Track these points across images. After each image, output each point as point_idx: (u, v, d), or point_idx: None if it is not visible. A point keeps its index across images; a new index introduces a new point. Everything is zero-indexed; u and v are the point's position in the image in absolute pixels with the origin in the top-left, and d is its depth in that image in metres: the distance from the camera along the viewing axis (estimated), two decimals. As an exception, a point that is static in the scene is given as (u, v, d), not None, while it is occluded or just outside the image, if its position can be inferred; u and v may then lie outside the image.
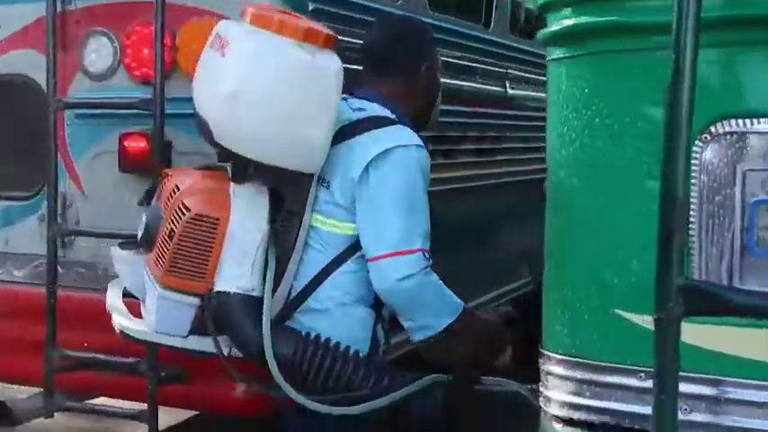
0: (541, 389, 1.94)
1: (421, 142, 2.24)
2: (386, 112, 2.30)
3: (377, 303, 2.24)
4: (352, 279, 2.22)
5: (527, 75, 5.26)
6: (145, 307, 2.22)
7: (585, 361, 1.84)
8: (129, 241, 2.34)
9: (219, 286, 2.10)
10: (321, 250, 2.22)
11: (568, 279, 1.86)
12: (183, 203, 2.10)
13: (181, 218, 2.08)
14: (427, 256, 2.14)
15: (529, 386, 2.19)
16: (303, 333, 2.13)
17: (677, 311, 1.39)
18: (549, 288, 1.93)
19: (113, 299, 2.37)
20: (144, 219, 2.22)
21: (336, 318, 2.19)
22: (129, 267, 2.31)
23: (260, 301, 2.08)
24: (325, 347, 2.08)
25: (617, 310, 1.78)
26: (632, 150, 1.75)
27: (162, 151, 3.01)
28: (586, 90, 1.80)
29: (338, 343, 2.11)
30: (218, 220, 2.08)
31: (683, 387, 1.47)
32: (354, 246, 2.21)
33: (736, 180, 1.68)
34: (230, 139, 2.09)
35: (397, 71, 2.40)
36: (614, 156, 1.78)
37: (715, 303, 1.41)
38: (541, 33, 1.98)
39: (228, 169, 2.21)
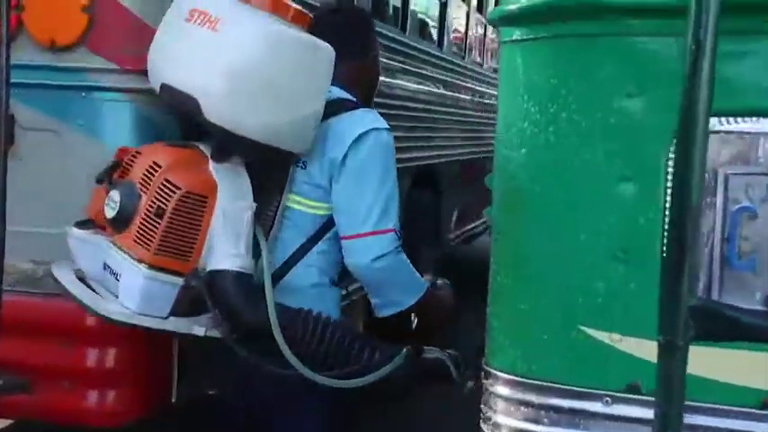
0: (486, 412, 1.73)
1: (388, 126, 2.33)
2: (347, 96, 2.36)
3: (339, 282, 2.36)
4: (324, 259, 2.28)
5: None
6: (118, 288, 2.17)
7: (542, 383, 1.63)
8: (84, 221, 2.28)
9: (213, 265, 2.11)
10: (295, 230, 2.26)
11: (524, 291, 1.65)
12: (169, 180, 2.08)
13: (170, 195, 2.07)
14: (399, 235, 2.22)
15: (452, 351, 2.26)
16: (298, 309, 2.15)
17: (688, 335, 1.21)
18: (497, 299, 1.71)
19: (73, 284, 2.27)
20: (117, 197, 2.15)
21: (312, 297, 2.23)
22: (86, 247, 2.26)
23: (252, 278, 2.13)
24: (324, 322, 2.12)
25: (581, 327, 1.59)
26: (603, 150, 1.56)
27: (6, 127, 2.62)
28: (552, 80, 1.59)
29: (331, 317, 2.17)
30: (206, 198, 2.09)
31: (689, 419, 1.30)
32: (325, 226, 2.27)
33: (717, 185, 1.52)
34: (224, 116, 2.08)
35: (353, 57, 2.43)
36: (582, 156, 1.58)
37: (733, 327, 1.25)
38: (495, 11, 1.76)
39: (202, 147, 2.21)
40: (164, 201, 2.09)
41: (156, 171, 2.13)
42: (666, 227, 1.44)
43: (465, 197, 6.66)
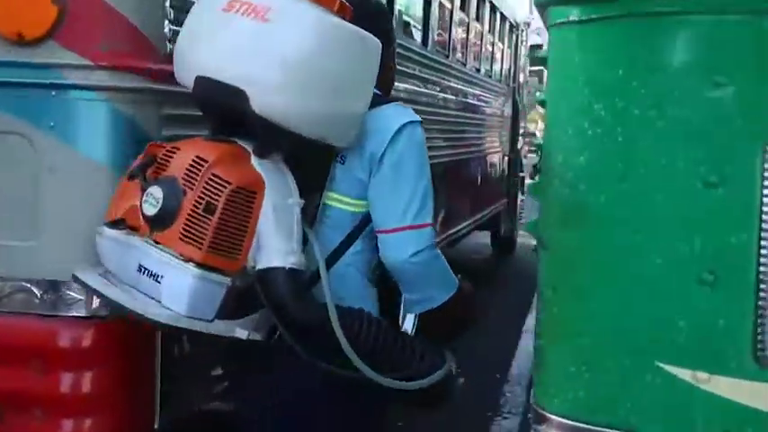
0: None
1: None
2: (375, 90, 2.25)
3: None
4: (361, 258, 2.25)
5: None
6: (158, 291, 2.06)
7: (608, 431, 1.37)
8: (115, 220, 2.14)
9: (264, 263, 2.05)
10: (332, 229, 2.21)
11: (586, 322, 1.38)
12: (217, 175, 2.01)
13: (221, 190, 1.99)
14: (436, 229, 2.20)
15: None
16: (350, 308, 2.10)
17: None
18: (551, 331, 1.44)
19: (108, 287, 2.15)
20: (159, 193, 2.06)
21: (353, 297, 2.17)
22: (119, 249, 2.13)
23: (304, 276, 2.09)
24: (377, 322, 2.10)
25: (659, 364, 1.32)
26: (684, 152, 1.29)
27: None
28: (619, 70, 1.32)
29: (384, 320, 2.15)
30: (255, 193, 2.03)
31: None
32: (362, 224, 2.23)
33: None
34: (274, 108, 2.04)
35: None
36: (659, 160, 1.30)
37: None
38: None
39: (240, 142, 2.13)
40: (214, 196, 2.01)
41: (201, 166, 2.04)
42: (764, 243, 1.20)
43: (449, 200, 6.45)
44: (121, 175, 2.24)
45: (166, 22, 2.54)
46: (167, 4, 2.53)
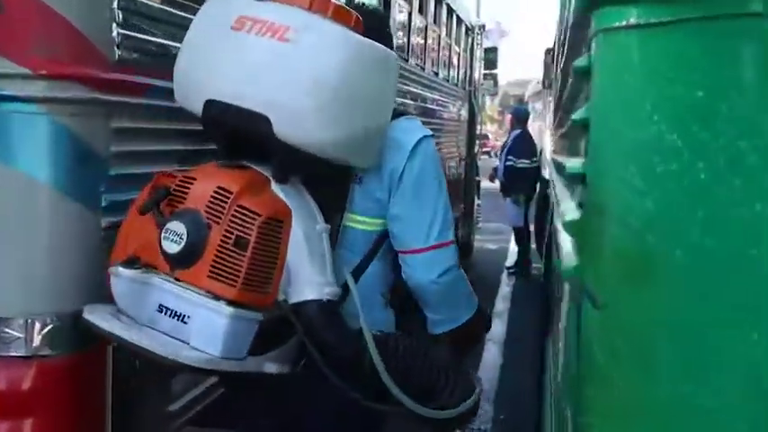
0: None
1: None
2: None
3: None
4: (378, 280, 2.20)
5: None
6: (184, 332, 1.93)
7: None
8: (129, 259, 2.00)
9: (297, 295, 1.98)
10: (349, 251, 2.15)
11: (659, 402, 1.08)
12: (244, 207, 1.92)
13: (251, 223, 1.90)
14: (458, 245, 2.17)
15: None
16: (384, 335, 2.07)
17: None
18: (607, 409, 1.09)
19: (130, 330, 1.97)
20: (181, 228, 1.94)
21: (372, 321, 2.09)
22: (137, 289, 1.99)
23: (338, 306, 2.03)
24: (413, 349, 2.05)
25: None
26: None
27: None
28: (699, 90, 1.01)
29: (416, 342, 2.10)
30: (282, 222, 1.96)
31: None
32: (377, 244, 2.18)
33: None
34: (300, 133, 1.95)
35: None
36: (755, 204, 0.98)
37: None
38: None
39: (255, 167, 2.04)
40: (244, 230, 1.92)
41: (226, 198, 1.95)
42: None
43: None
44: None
45: (114, 25, 2.28)
46: (115, 5, 2.28)
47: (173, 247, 1.96)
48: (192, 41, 2.11)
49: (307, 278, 1.99)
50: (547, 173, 10.22)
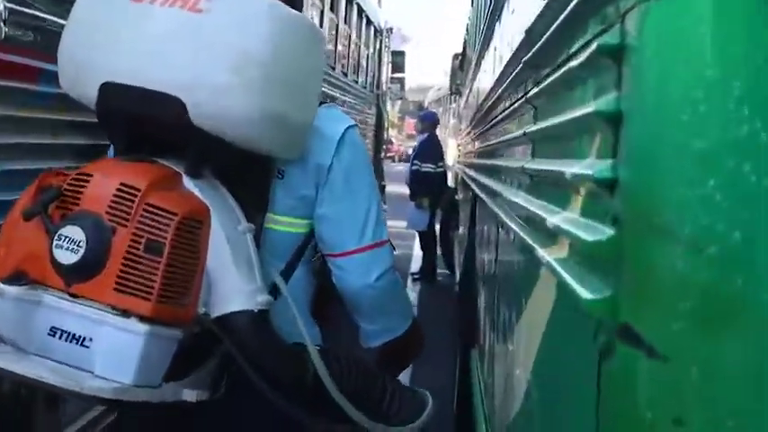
0: None
1: None
2: None
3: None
4: (301, 289, 1.94)
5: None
6: (83, 358, 1.64)
7: None
8: (13, 274, 1.66)
9: (222, 306, 1.71)
10: (274, 256, 1.87)
11: None
12: (155, 206, 1.64)
13: (165, 224, 1.63)
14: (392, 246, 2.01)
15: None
16: (325, 348, 1.89)
17: None
18: None
19: (21, 362, 1.65)
20: (79, 234, 1.64)
21: (297, 336, 1.84)
22: (23, 309, 1.66)
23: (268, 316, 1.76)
24: (357, 364, 1.89)
25: None
26: None
27: None
28: None
29: (359, 355, 1.94)
30: (200, 223, 1.69)
31: None
32: (301, 248, 1.93)
33: None
34: (221, 118, 1.69)
35: None
36: None
37: None
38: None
39: (160, 161, 1.75)
40: (157, 232, 1.63)
41: (132, 195, 1.66)
42: None
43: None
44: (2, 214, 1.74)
45: (1, -2, 1.97)
46: (1, -26, 1.96)
47: (69, 257, 1.66)
48: (80, 17, 1.80)
49: (232, 286, 1.74)
50: (450, 178, 10.12)
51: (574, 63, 1.08)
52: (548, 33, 1.38)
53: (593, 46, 0.94)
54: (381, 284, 1.92)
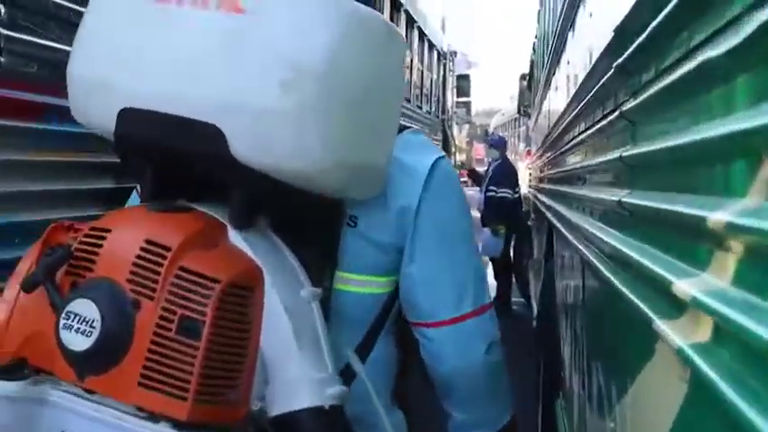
0: None
1: None
2: None
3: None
4: (385, 368, 1.59)
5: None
6: None
7: None
8: (9, 365, 1.32)
9: (290, 402, 1.32)
10: (345, 326, 1.50)
11: None
12: (191, 270, 1.24)
13: (204, 295, 1.22)
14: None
15: None
16: None
17: None
18: None
19: None
20: (92, 311, 1.25)
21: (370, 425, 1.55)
22: (21, 410, 1.33)
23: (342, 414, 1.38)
24: None
25: None
26: None
27: None
28: None
29: None
30: (252, 290, 1.28)
31: None
32: (383, 313, 1.56)
33: None
34: (272, 150, 1.31)
35: None
36: None
37: None
38: None
39: (199, 207, 1.38)
40: (194, 306, 1.25)
41: (161, 257, 1.28)
42: None
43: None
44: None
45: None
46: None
47: (79, 342, 1.30)
48: (92, 27, 1.48)
49: (296, 374, 1.40)
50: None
51: (710, 54, 0.73)
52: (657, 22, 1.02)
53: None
54: (484, 363, 1.58)
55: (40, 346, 1.32)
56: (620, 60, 1.38)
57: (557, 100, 4.04)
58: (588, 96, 2.04)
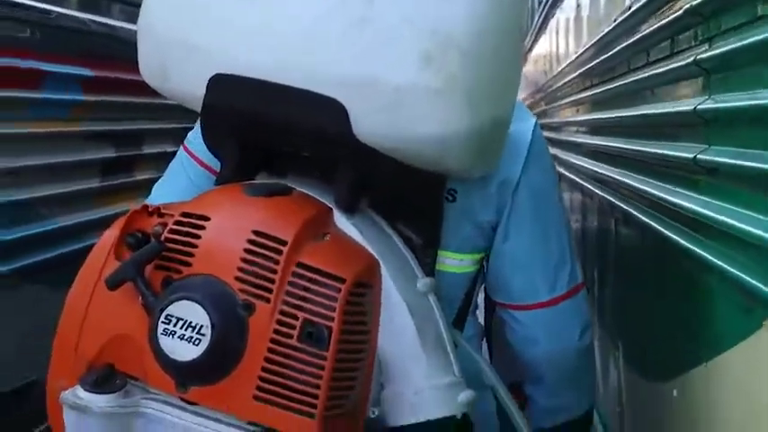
0: None
1: None
2: None
3: None
4: (474, 344, 1.51)
5: None
6: None
7: None
8: (98, 373, 1.16)
9: (415, 410, 1.22)
10: (441, 305, 1.35)
11: None
12: (312, 267, 1.10)
13: (331, 296, 1.09)
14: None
15: None
16: None
17: None
18: None
19: None
20: (198, 314, 1.11)
21: (484, 420, 1.46)
22: (112, 425, 1.19)
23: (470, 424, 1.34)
24: None
25: None
26: None
27: None
28: None
29: None
30: (371, 286, 1.15)
31: None
32: (470, 293, 1.49)
33: None
34: (398, 134, 1.19)
35: None
36: None
37: None
38: None
39: (293, 185, 1.24)
40: (319, 310, 1.12)
41: (275, 252, 1.14)
42: None
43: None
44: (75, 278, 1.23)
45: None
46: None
47: (185, 350, 1.15)
48: None
49: (421, 379, 1.27)
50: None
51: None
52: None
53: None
54: (577, 348, 1.50)
55: (127, 351, 1.19)
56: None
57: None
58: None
